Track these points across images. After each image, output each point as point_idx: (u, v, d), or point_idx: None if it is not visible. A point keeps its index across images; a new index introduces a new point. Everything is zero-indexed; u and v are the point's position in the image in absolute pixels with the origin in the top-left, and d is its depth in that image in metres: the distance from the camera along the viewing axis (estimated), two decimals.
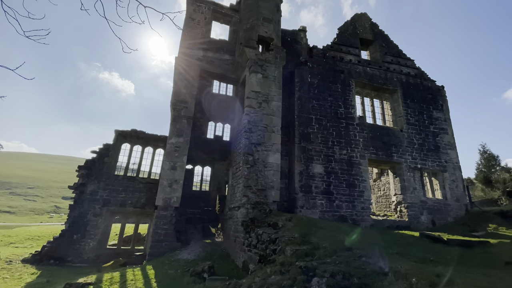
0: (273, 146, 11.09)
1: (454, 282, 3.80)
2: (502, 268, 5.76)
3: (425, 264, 5.73)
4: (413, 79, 15.94)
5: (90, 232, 11.50)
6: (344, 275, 4.73)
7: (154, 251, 9.76)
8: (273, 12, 13.62)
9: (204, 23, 13.91)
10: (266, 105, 11.60)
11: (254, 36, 12.66)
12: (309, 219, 8.49)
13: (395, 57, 16.30)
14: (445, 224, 12.99)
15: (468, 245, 8.42)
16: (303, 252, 5.84)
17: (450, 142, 15.03)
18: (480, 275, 5.03)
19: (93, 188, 12.22)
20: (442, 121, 15.43)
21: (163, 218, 10.21)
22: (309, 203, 11.71)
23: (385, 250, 6.53)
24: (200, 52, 13.25)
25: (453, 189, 14.04)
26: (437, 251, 7.40)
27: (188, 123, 11.77)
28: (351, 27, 16.41)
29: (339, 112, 13.73)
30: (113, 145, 13.06)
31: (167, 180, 10.72)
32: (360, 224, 11.89)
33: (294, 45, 15.86)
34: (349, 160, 12.90)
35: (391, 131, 14.19)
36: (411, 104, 15.13)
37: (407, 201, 13.02)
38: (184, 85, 12.34)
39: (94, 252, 11.34)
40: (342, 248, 5.89)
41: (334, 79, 14.33)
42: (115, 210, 12.21)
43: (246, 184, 9.82)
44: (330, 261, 5.32)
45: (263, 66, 12.12)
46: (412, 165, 13.74)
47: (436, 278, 3.97)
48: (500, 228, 11.51)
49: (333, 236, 6.67)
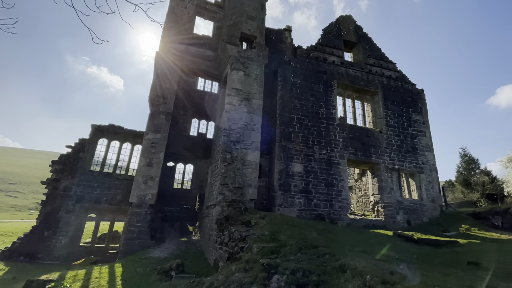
0: (253, 144, 11.04)
1: (406, 278, 3.86)
2: (463, 267, 5.90)
3: (389, 262, 5.81)
4: (394, 82, 16.26)
5: (62, 229, 11.12)
6: (304, 272, 4.73)
7: (126, 249, 9.54)
8: (257, 10, 13.57)
9: (187, 18, 13.70)
10: (247, 103, 11.53)
11: (236, 33, 12.57)
12: (283, 217, 8.50)
13: (378, 59, 16.58)
14: (420, 224, 13.31)
15: (437, 244, 8.65)
16: (269, 250, 5.82)
17: (427, 145, 15.42)
18: (439, 274, 5.14)
19: (66, 184, 11.83)
20: (421, 124, 15.81)
21: (137, 215, 9.99)
22: (287, 201, 11.74)
23: (352, 248, 6.60)
24: (182, 47, 13.04)
25: (429, 190, 14.41)
26: (406, 250, 7.56)
27: (166, 119, 11.56)
28: (335, 29, 16.57)
29: (320, 112, 13.83)
30: (89, 140, 12.68)
31: (143, 177, 10.50)
32: (337, 223, 12.02)
33: (279, 44, 15.86)
34: (328, 160, 13.02)
35: (371, 132, 14.42)
36: (391, 106, 15.43)
37: (384, 201, 13.27)
38: (164, 80, 12.12)
39: (66, 249, 10.97)
40: (308, 246, 5.91)
41: (316, 80, 14.43)
42: (89, 206, 11.86)
43: (223, 182, 9.73)
44: (293, 259, 5.32)
45: (245, 63, 12.05)
46: (390, 166, 14.01)
47: (390, 276, 4.02)
48: (472, 229, 11.90)
49: (302, 234, 6.69)
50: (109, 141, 13.32)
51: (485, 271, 5.47)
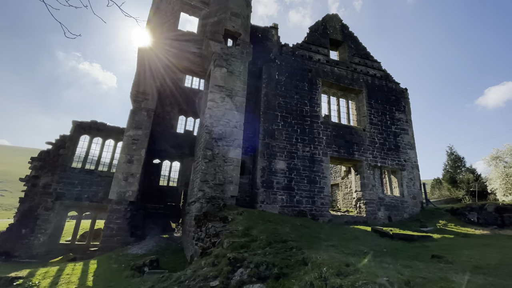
0: (235, 141, 11.08)
1: (359, 270, 3.97)
2: (427, 260, 6.08)
3: (356, 256, 5.95)
4: (378, 80, 16.48)
5: (40, 227, 10.99)
6: (267, 265, 4.82)
7: (105, 246, 9.50)
8: (242, 7, 13.55)
9: (172, 14, 13.59)
10: (229, 100, 11.55)
11: (220, 30, 12.55)
12: (261, 214, 8.58)
13: (363, 58, 16.76)
14: (401, 220, 13.60)
15: (411, 239, 8.86)
16: (239, 244, 5.89)
17: (410, 142, 15.71)
18: (400, 266, 5.30)
19: (46, 181, 11.67)
20: (404, 122, 16.09)
21: (116, 212, 9.94)
22: (269, 198, 11.83)
23: (324, 243, 6.72)
24: (165, 43, 12.94)
25: (410, 187, 14.71)
26: (378, 244, 7.72)
27: (148, 115, 11.50)
28: (321, 27, 16.67)
29: (304, 110, 13.94)
30: (70, 137, 12.52)
31: (123, 174, 10.43)
32: (318, 219, 12.19)
33: (265, 41, 15.90)
34: (311, 157, 13.16)
35: (354, 130, 14.62)
36: (375, 104, 15.65)
37: (365, 197, 13.50)
38: (146, 76, 12.04)
39: (44, 247, 10.85)
40: (278, 240, 6.00)
41: (301, 77, 14.52)
42: (69, 204, 11.73)
43: (203, 179, 9.76)
44: (260, 253, 5.40)
45: (228, 60, 12.04)
46: (373, 163, 14.24)
47: (345, 267, 4.13)
48: (449, 224, 12.22)
49: (275, 229, 6.78)
50: (92, 137, 13.18)
51: (447, 264, 5.67)
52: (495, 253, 6.39)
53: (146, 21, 13.02)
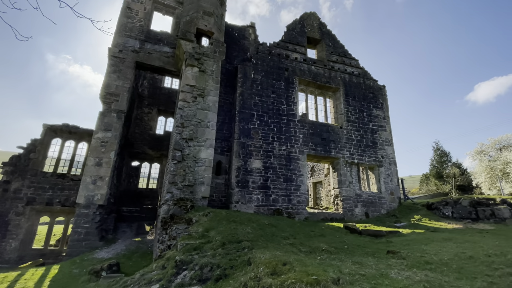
0: (207, 141, 10.99)
1: (294, 269, 3.95)
2: (382, 256, 6.13)
3: (311, 254, 5.96)
4: (356, 78, 16.57)
5: (11, 232, 10.75)
6: (212, 267, 4.78)
7: (72, 251, 9.32)
8: (216, 6, 13.44)
9: (144, 14, 13.40)
10: (201, 100, 11.45)
11: (192, 29, 12.42)
12: (229, 214, 8.52)
13: (341, 56, 16.83)
14: (378, 216, 13.72)
15: (378, 235, 8.93)
16: (192, 247, 5.83)
17: (387, 139, 15.86)
18: (350, 263, 5.32)
19: (17, 186, 11.42)
20: (382, 119, 16.23)
21: (84, 216, 9.76)
22: (245, 198, 11.80)
23: (282, 241, 6.71)
24: (136, 43, 12.76)
25: (388, 183, 14.85)
26: (342, 241, 7.75)
27: (118, 117, 11.31)
28: (299, 25, 16.67)
29: (281, 108, 13.93)
30: (41, 140, 12.27)
31: (91, 177, 10.25)
32: (295, 217, 12.21)
33: (242, 40, 15.83)
34: (288, 156, 13.16)
35: (331, 127, 14.68)
36: (352, 102, 15.74)
37: (342, 194, 13.58)
38: (116, 77, 11.84)
39: (16, 252, 10.63)
40: (233, 241, 5.96)
41: (278, 76, 14.50)
42: (40, 209, 11.50)
43: (172, 180, 9.65)
44: (210, 254, 5.35)
45: (200, 59, 11.93)
46: (349, 160, 14.33)
47: (282, 266, 4.11)
48: (423, 219, 12.37)
49: (235, 230, 6.73)
50: (64, 140, 12.95)
51: (399, 260, 5.71)
52: (454, 248, 6.46)
53: (117, 20, 12.83)
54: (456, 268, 4.85)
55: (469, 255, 5.51)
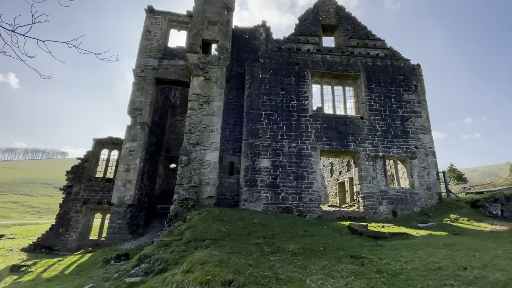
0: (212, 145, 11.76)
1: (203, 269, 4.26)
2: (347, 261, 5.74)
3: (269, 255, 6.02)
4: (381, 61, 14.90)
5: (72, 226, 13.70)
6: (161, 262, 5.43)
7: (109, 242, 11.38)
8: (220, 14, 14.04)
9: (161, 34, 15.00)
10: (207, 106, 12.28)
11: (198, 40, 13.33)
12: (222, 212, 9.03)
13: (362, 39, 15.37)
14: (409, 214, 12.21)
15: (379, 237, 8.12)
16: (163, 243, 6.60)
17: (423, 126, 13.82)
18: (292, 266, 5.25)
19: (76, 189, 14.42)
20: (415, 103, 14.21)
21: (117, 213, 11.75)
22: (253, 196, 12.16)
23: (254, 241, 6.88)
24: (155, 61, 14.42)
25: (424, 176, 12.99)
26: (326, 242, 7.41)
27: (142, 128, 13.07)
28: (312, 15, 15.92)
29: (291, 105, 13.69)
30: (92, 152, 15.11)
31: (122, 181, 12.22)
32: (306, 215, 11.96)
33: (253, 41, 16.04)
34: (298, 153, 12.90)
35: (349, 119, 13.65)
36: (376, 88, 14.25)
37: (363, 191, 12.56)
38: (139, 94, 13.67)
39: (76, 243, 13.50)
40: (198, 239, 6.49)
41: (287, 72, 14.26)
42: (93, 207, 14.25)
43: (179, 182, 10.76)
44: (170, 250, 6.01)
45: (205, 68, 12.76)
46: (372, 154, 13.09)
47: (199, 266, 4.46)
48: (461, 219, 10.50)
49: (211, 228, 7.23)
50: (110, 151, 15.60)
51: (356, 266, 5.33)
52: (439, 257, 5.47)
53: (139, 43, 14.73)
54: (402, 279, 4.29)
55: (438, 266, 4.73)
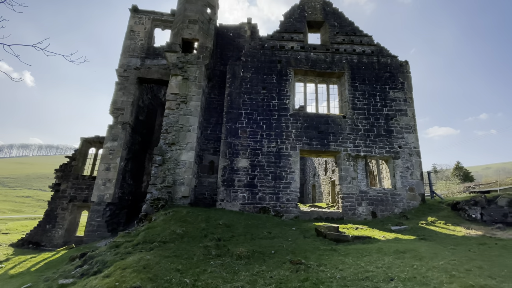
0: (188, 144, 11.79)
1: (120, 274, 4.30)
2: (285, 266, 5.65)
3: (214, 258, 6.02)
4: (367, 57, 14.48)
5: (59, 223, 14.11)
6: (100, 264, 5.52)
7: (87, 240, 11.67)
8: (201, 12, 13.95)
9: (144, 33, 15.07)
10: (184, 106, 12.29)
11: (178, 40, 13.30)
12: (189, 213, 9.06)
13: (348, 35, 14.96)
14: (389, 216, 11.94)
15: (342, 240, 7.97)
16: (115, 244, 6.71)
17: (408, 125, 13.41)
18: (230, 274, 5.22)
19: (64, 187, 14.81)
20: (401, 102, 13.78)
21: (96, 212, 12.02)
22: (230, 196, 12.16)
23: (201, 243, 6.87)
24: (138, 61, 14.52)
25: (406, 177, 12.64)
26: (281, 245, 7.34)
27: (123, 128, 13.24)
28: (298, 11, 15.59)
29: (272, 104, 13.53)
30: (79, 151, 15.46)
31: (102, 180, 12.46)
32: (283, 215, 11.88)
33: (237, 39, 15.89)
34: (278, 153, 12.78)
35: (331, 118, 13.38)
36: (360, 86, 13.89)
37: (343, 191, 12.35)
38: (122, 93, 13.83)
39: (62, 239, 13.91)
40: (147, 241, 6.55)
41: (269, 71, 14.07)
42: (79, 204, 14.61)
43: (152, 182, 10.86)
44: (114, 252, 6.09)
45: (183, 68, 12.75)
46: (353, 154, 12.82)
47: (120, 271, 4.49)
48: (438, 222, 10.19)
49: (165, 231, 7.28)
50: (97, 149, 15.91)
51: (290, 272, 5.23)
52: (378, 265, 5.22)
53: (123, 43, 14.85)
54: None
55: (367, 276, 4.61)
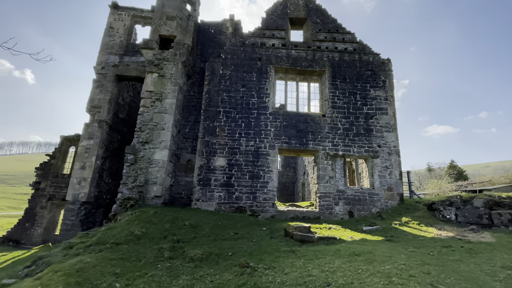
0: (162, 143, 11.65)
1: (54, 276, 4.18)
2: (233, 270, 5.54)
3: (166, 261, 5.92)
4: (349, 55, 14.26)
5: (38, 221, 14.03)
6: (45, 265, 5.40)
7: (62, 238, 11.56)
8: (180, 9, 13.72)
9: (123, 30, 14.84)
10: (159, 104, 12.13)
11: (155, 36, 13.10)
12: (156, 213, 8.95)
13: (331, 32, 14.73)
14: (366, 216, 11.83)
15: (306, 241, 7.86)
16: (69, 245, 6.60)
17: (389, 124, 13.24)
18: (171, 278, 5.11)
19: (43, 186, 14.71)
20: (382, 100, 13.59)
21: (71, 211, 11.92)
22: (206, 196, 12.04)
23: (157, 245, 6.77)
24: (116, 58, 14.32)
25: (385, 176, 12.51)
26: (241, 247, 7.24)
27: (99, 126, 13.09)
28: (280, 7, 15.34)
29: (251, 102, 13.36)
30: (59, 149, 15.33)
31: (77, 179, 12.34)
32: (259, 215, 11.78)
33: (219, 36, 15.67)
34: (256, 152, 12.64)
35: (310, 117, 13.21)
36: (341, 84, 13.70)
37: (320, 190, 12.23)
38: (99, 91, 13.65)
39: (41, 237, 13.85)
40: (100, 243, 6.44)
41: (249, 68, 13.87)
42: (58, 203, 14.52)
43: (123, 181, 10.73)
44: (63, 253, 5.98)
45: (159, 65, 12.56)
46: (332, 153, 12.67)
47: (52, 273, 4.38)
48: (412, 222, 10.05)
49: (122, 232, 7.17)
50: (77, 148, 15.76)
51: (234, 276, 5.13)
52: (324, 269, 5.06)
53: (101, 40, 14.63)
54: None
55: (305, 281, 4.48)
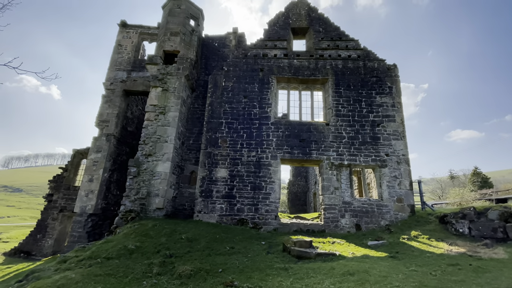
0: (164, 155, 11.80)
1: None
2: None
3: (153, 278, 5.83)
4: (353, 62, 14.00)
5: (49, 233, 14.49)
6: (33, 278, 5.48)
7: (68, 250, 11.80)
8: (183, 24, 14.15)
9: (131, 47, 15.48)
10: (162, 117, 12.38)
11: (159, 52, 13.54)
12: (155, 226, 8.96)
13: (333, 40, 14.59)
14: (374, 229, 11.24)
15: (303, 257, 7.54)
16: (63, 260, 6.69)
17: (397, 131, 12.70)
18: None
19: (55, 198, 15.27)
20: (389, 107, 13.12)
21: (78, 223, 12.21)
22: (207, 207, 11.97)
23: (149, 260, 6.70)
24: (124, 74, 14.89)
25: (394, 187, 11.90)
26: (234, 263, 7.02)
27: (107, 139, 13.51)
28: (282, 18, 15.46)
29: (253, 112, 13.34)
30: (71, 162, 15.94)
31: (85, 191, 12.70)
32: (261, 227, 11.51)
33: (222, 49, 15.95)
34: (257, 162, 12.50)
35: (314, 126, 12.95)
36: (345, 92, 13.40)
37: (325, 202, 11.80)
38: (107, 106, 14.18)
39: (52, 248, 14.25)
40: (92, 257, 6.47)
41: (251, 79, 13.94)
42: (69, 215, 14.97)
43: (126, 194, 10.90)
44: (55, 268, 6.05)
45: (163, 79, 12.90)
46: (337, 162, 12.27)
47: None
48: (422, 236, 9.40)
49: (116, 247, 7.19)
50: None
51: None
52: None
53: (110, 57, 15.32)
54: None
55: None
